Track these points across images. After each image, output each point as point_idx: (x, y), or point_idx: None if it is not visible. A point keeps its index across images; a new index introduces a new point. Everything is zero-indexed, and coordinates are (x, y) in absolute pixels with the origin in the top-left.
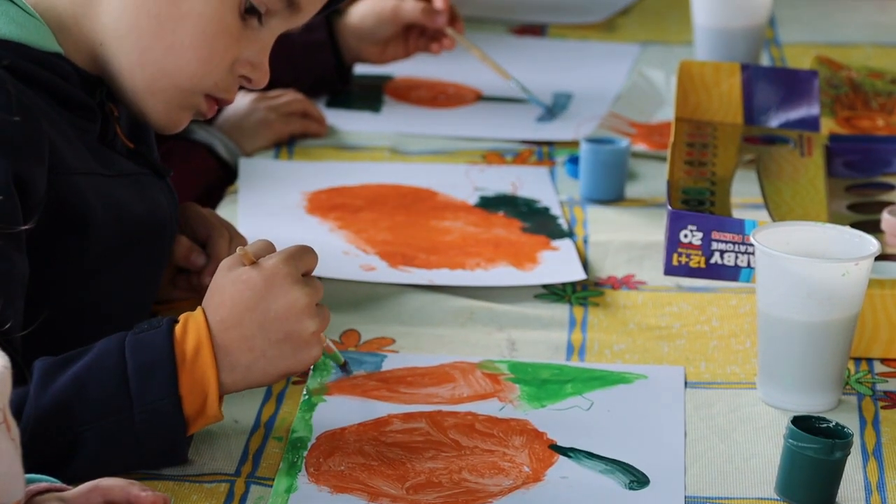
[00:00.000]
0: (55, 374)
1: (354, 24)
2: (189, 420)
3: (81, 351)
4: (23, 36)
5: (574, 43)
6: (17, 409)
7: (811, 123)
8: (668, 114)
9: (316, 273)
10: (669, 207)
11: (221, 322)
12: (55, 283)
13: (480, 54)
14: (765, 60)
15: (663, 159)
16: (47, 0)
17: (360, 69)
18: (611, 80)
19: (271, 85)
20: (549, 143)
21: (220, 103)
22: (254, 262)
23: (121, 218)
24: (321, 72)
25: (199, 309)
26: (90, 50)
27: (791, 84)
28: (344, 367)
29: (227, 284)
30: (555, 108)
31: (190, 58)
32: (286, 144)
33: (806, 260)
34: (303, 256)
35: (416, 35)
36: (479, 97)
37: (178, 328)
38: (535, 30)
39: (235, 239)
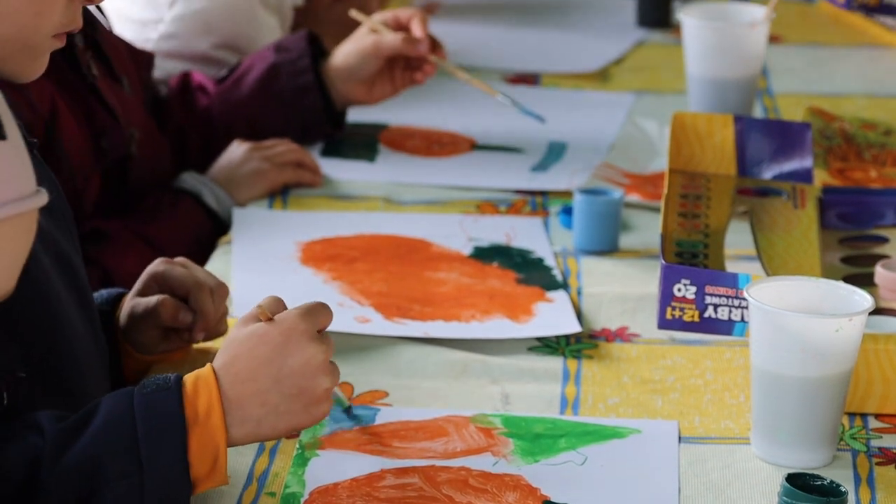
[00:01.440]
0: (67, 445)
1: (339, 65)
2: (196, 483)
3: (89, 412)
4: None
5: (568, 92)
6: (32, 469)
7: (804, 175)
8: (661, 164)
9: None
10: (663, 261)
11: (235, 375)
12: None
13: (465, 76)
14: (758, 110)
15: (657, 210)
16: None
17: (355, 117)
18: (605, 130)
19: (264, 134)
20: (543, 193)
21: (71, 34)
22: (270, 319)
23: None
24: (310, 116)
25: (207, 367)
26: None
27: (784, 136)
28: (348, 411)
29: (243, 339)
30: (549, 158)
31: (24, 14)
32: (280, 194)
33: (800, 315)
34: (319, 313)
35: (400, 69)
36: (474, 146)
37: (188, 388)
38: (528, 79)
39: (217, 289)
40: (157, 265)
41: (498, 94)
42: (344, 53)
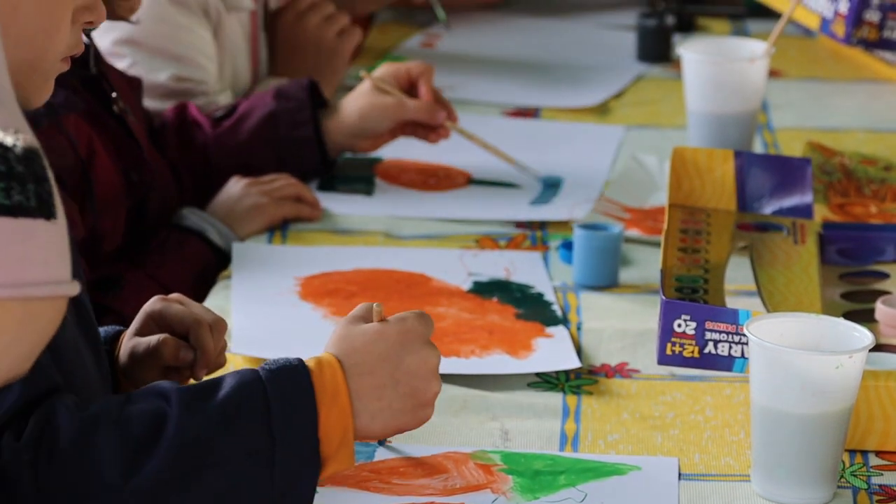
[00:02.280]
0: (195, 411)
1: (352, 120)
2: (325, 462)
3: (213, 384)
4: None
5: (561, 125)
6: (156, 427)
7: (804, 211)
8: (661, 198)
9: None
10: (663, 297)
11: (355, 367)
12: None
13: (481, 142)
14: (758, 145)
15: (657, 245)
16: None
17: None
18: (599, 163)
19: (261, 173)
20: (542, 227)
21: (73, 58)
22: (383, 319)
23: None
24: (307, 166)
25: (327, 353)
26: None
27: (784, 171)
28: None
29: (358, 335)
30: (546, 193)
31: (40, 39)
32: (280, 228)
33: (800, 352)
34: (430, 321)
35: (411, 127)
36: (470, 180)
37: (313, 367)
38: (528, 112)
39: (215, 324)
40: (153, 303)
41: (515, 162)
42: (359, 112)
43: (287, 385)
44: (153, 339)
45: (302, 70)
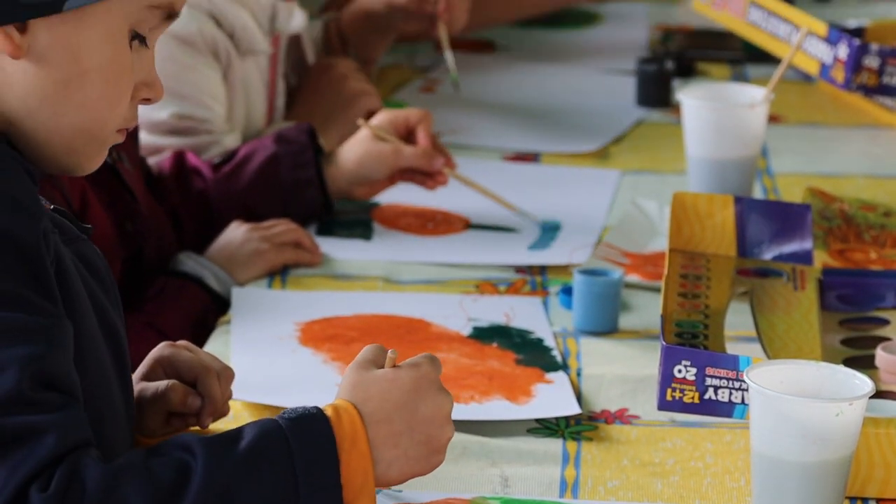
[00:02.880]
0: (223, 452)
1: (350, 168)
2: None
3: (234, 434)
4: None
5: (559, 169)
6: (181, 478)
7: (804, 257)
8: (661, 244)
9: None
10: (663, 342)
11: (370, 415)
12: None
13: (480, 189)
14: (757, 190)
15: (657, 290)
16: None
17: None
18: (597, 206)
19: (261, 221)
20: (542, 272)
21: (127, 131)
22: (395, 366)
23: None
24: (309, 209)
25: (342, 400)
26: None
27: (784, 217)
28: None
29: (372, 382)
30: (544, 238)
31: (101, 107)
32: (280, 274)
33: (800, 400)
34: (440, 364)
35: (409, 174)
36: (468, 224)
37: (331, 414)
38: (528, 157)
39: (223, 372)
40: (162, 349)
41: (517, 209)
42: (357, 159)
43: (308, 433)
44: (161, 384)
45: (317, 113)
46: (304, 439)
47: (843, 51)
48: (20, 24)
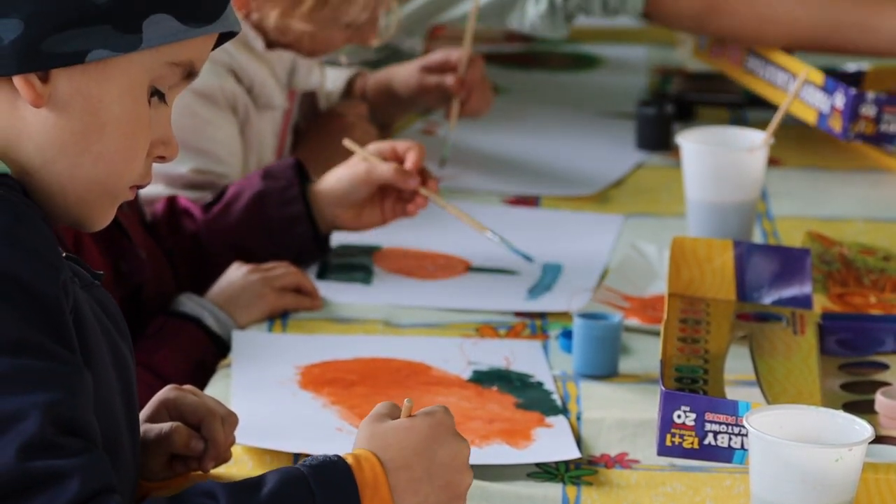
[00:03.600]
0: (247, 499)
1: (328, 189)
2: None
3: (257, 480)
4: None
5: (563, 213)
6: None
7: (804, 301)
8: (660, 287)
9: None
10: (663, 388)
11: (391, 462)
12: None
13: (455, 211)
14: (757, 234)
15: (656, 334)
16: None
17: (348, 239)
18: (598, 251)
19: (253, 260)
20: (542, 315)
21: (140, 188)
22: (412, 416)
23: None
24: (300, 245)
25: (362, 449)
26: (15, 176)
27: (784, 261)
28: None
29: (389, 431)
30: (545, 280)
31: (117, 161)
32: (280, 317)
33: (799, 445)
34: (452, 415)
35: (392, 200)
36: (469, 267)
37: (351, 462)
38: (528, 200)
39: (227, 418)
40: (167, 392)
41: (487, 230)
42: (335, 178)
43: (331, 481)
44: (165, 426)
45: (320, 158)
46: (326, 486)
47: (839, 100)
48: (42, 73)
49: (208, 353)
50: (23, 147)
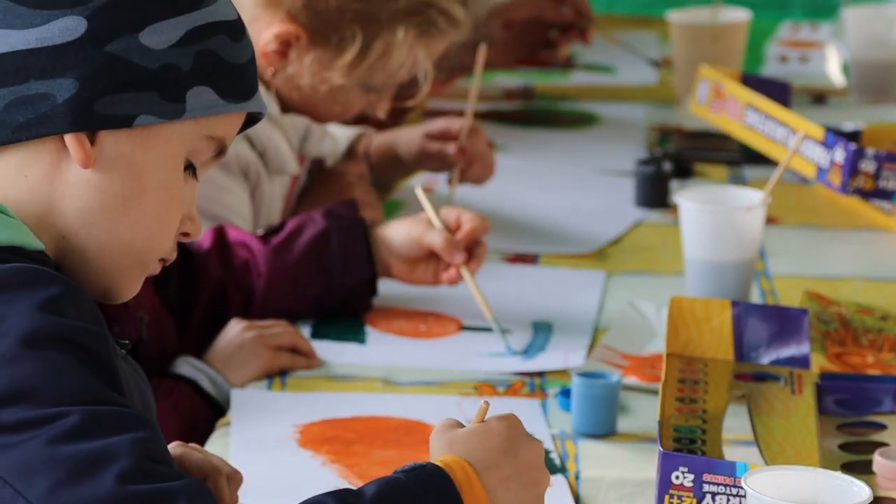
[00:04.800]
0: (355, 500)
1: (387, 238)
2: None
3: (359, 490)
4: (14, 238)
5: (544, 269)
6: None
7: (801, 361)
8: (659, 345)
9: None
10: (661, 448)
11: (480, 462)
12: None
13: (480, 297)
14: (755, 292)
15: (655, 392)
16: (4, 195)
17: None
18: (586, 307)
19: (304, 298)
20: (541, 373)
21: (166, 263)
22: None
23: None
24: (355, 286)
25: (448, 455)
26: (51, 243)
27: (781, 321)
28: None
29: (469, 435)
30: (538, 339)
31: (153, 228)
32: (279, 375)
33: None
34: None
35: (441, 264)
36: (461, 327)
37: (443, 467)
38: (527, 258)
39: (232, 476)
40: (173, 448)
41: (494, 318)
42: (396, 228)
43: (430, 483)
44: None
45: (318, 207)
46: (427, 488)
47: (839, 155)
48: (91, 135)
49: (202, 415)
50: (64, 209)
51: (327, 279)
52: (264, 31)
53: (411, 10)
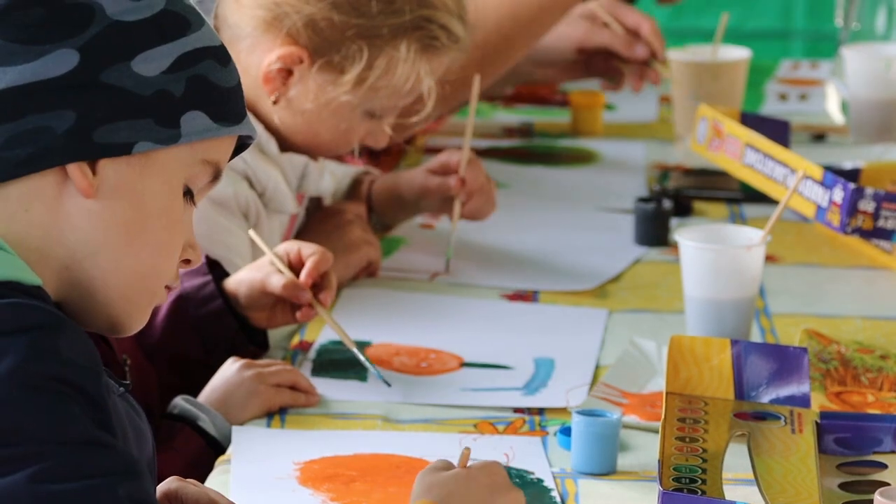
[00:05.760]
0: None
1: (232, 291)
2: None
3: None
4: (10, 274)
5: (549, 307)
6: None
7: (802, 400)
8: (660, 384)
9: None
10: (661, 488)
11: None
12: None
13: (336, 327)
14: (755, 330)
15: (655, 431)
16: (4, 230)
17: (336, 335)
18: (589, 345)
19: (187, 366)
20: (541, 411)
21: (169, 290)
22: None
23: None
24: (231, 339)
25: (424, 500)
26: (53, 276)
27: (781, 360)
28: None
29: (449, 480)
30: (539, 376)
31: (157, 254)
32: (279, 413)
33: None
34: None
35: (288, 305)
36: (462, 363)
37: None
38: (526, 296)
39: None
40: (170, 483)
41: (355, 347)
42: (237, 280)
43: None
44: None
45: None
46: None
47: (838, 194)
48: (92, 164)
49: (202, 455)
50: (66, 241)
51: (201, 338)
52: (266, 56)
53: (412, 25)
